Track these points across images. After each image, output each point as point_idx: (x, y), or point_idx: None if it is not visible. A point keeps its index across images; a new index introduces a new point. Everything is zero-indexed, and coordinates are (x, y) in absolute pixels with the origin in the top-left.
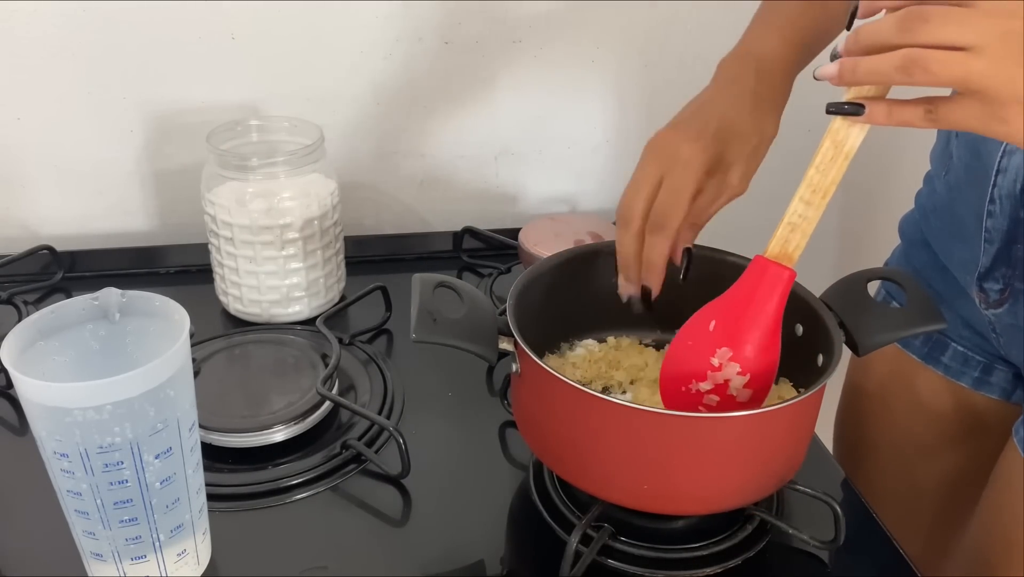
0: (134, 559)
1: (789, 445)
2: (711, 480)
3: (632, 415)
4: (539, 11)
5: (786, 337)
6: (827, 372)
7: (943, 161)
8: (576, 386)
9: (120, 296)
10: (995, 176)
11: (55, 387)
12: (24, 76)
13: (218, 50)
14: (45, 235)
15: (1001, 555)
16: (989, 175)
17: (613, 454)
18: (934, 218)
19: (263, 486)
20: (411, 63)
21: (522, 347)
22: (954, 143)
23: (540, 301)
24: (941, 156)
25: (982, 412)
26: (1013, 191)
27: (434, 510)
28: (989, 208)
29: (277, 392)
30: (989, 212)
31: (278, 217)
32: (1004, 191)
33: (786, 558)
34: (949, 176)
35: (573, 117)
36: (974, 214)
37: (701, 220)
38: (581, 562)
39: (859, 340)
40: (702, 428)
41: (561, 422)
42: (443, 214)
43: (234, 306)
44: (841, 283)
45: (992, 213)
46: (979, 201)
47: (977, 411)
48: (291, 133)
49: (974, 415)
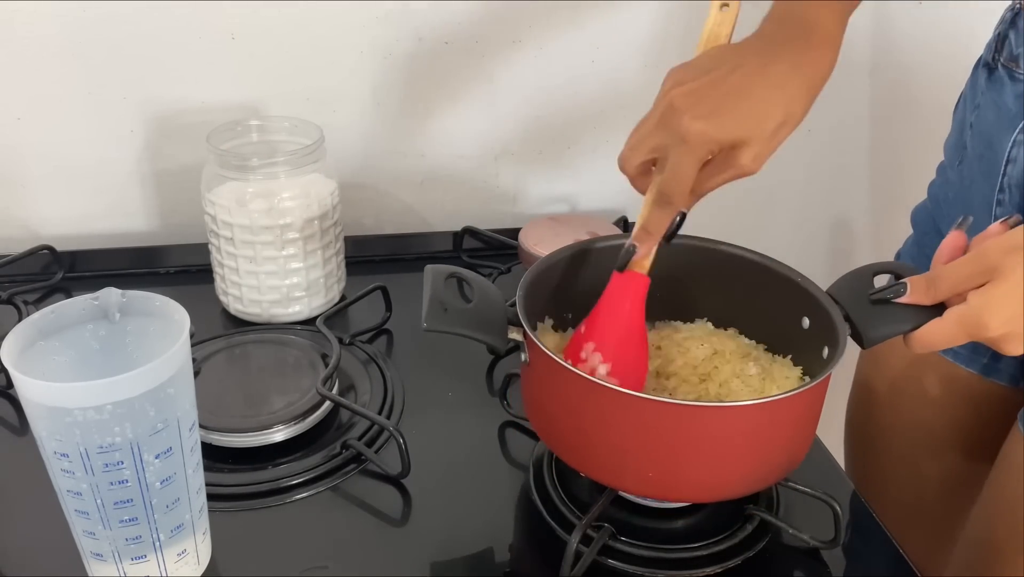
0: (134, 559)
1: (794, 435)
2: (717, 468)
3: (639, 404)
4: (539, 11)
5: (793, 329)
6: (831, 363)
7: (957, 151)
8: (584, 375)
9: (120, 296)
10: (1005, 166)
11: (55, 387)
12: (24, 76)
13: (218, 50)
14: (45, 235)
15: (1005, 539)
16: (1000, 165)
17: (620, 442)
18: (946, 207)
19: (263, 486)
20: (411, 63)
21: (531, 336)
22: (968, 133)
23: (550, 293)
24: (955, 146)
25: (990, 399)
26: (1022, 181)
27: (434, 510)
28: (999, 197)
29: (277, 392)
30: (999, 201)
31: (278, 217)
32: (1014, 180)
33: (786, 558)
34: (962, 166)
35: (573, 117)
36: (985, 203)
37: (703, 190)
38: (581, 562)
39: (864, 333)
40: (709, 417)
41: (569, 411)
42: (443, 214)
43: (234, 306)
44: (848, 276)
45: (1001, 202)
46: (990, 190)
47: (985, 398)
48: (291, 133)
49: (983, 402)
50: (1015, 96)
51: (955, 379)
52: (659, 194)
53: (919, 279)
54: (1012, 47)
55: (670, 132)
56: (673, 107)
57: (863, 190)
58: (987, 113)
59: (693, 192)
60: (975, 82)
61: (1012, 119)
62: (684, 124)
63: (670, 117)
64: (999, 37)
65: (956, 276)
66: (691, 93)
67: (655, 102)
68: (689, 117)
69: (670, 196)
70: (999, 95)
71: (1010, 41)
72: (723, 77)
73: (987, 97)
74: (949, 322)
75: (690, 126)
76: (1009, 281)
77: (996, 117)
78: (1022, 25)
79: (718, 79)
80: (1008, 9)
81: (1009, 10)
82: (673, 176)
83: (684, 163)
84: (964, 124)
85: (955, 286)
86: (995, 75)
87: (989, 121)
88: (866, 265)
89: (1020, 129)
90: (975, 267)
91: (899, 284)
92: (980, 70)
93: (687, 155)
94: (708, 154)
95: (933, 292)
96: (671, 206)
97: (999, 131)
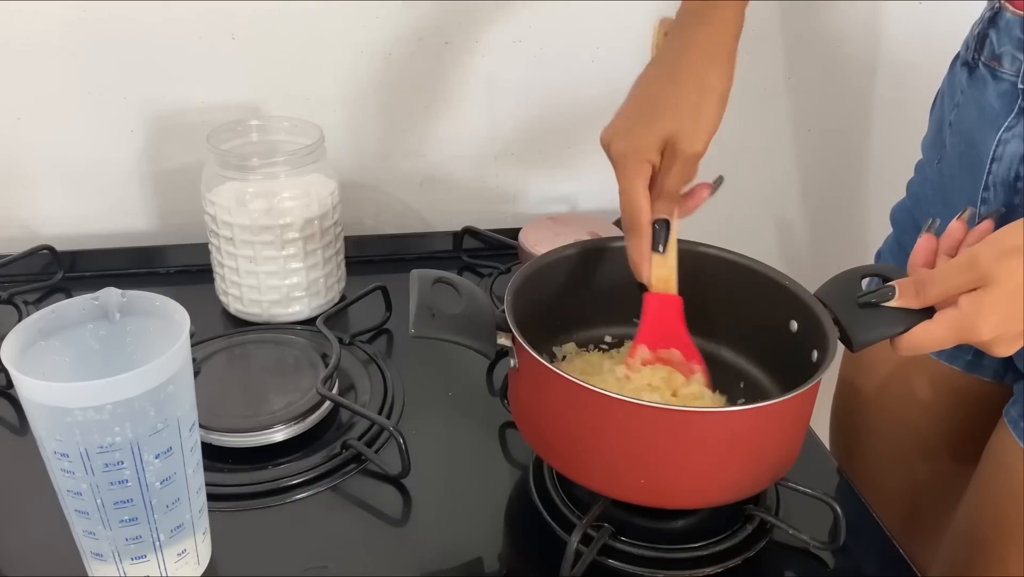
0: (134, 559)
1: (785, 440)
2: (708, 474)
3: (629, 409)
4: (539, 11)
5: (781, 333)
6: (821, 368)
7: (935, 149)
8: (573, 380)
9: (120, 296)
10: (990, 164)
11: (55, 387)
12: (24, 76)
13: (218, 50)
14: (45, 235)
15: (991, 534)
16: (984, 163)
17: (610, 448)
18: (926, 205)
19: (263, 486)
20: (411, 63)
21: (520, 342)
22: (947, 131)
23: (538, 297)
24: (933, 144)
25: (975, 395)
26: (1008, 178)
27: (434, 510)
28: (983, 195)
29: (277, 392)
30: (983, 199)
31: (278, 217)
32: (999, 178)
33: (786, 558)
34: (942, 164)
35: (573, 117)
36: (967, 201)
37: (669, 192)
38: (581, 562)
39: (853, 336)
40: (699, 422)
41: (559, 417)
42: (443, 214)
43: (234, 306)
44: (835, 280)
45: (986, 200)
46: (973, 188)
47: (970, 394)
48: (291, 133)
49: (967, 398)
50: (998, 95)
51: (939, 377)
52: (625, 226)
53: (907, 283)
54: (994, 46)
55: (611, 158)
56: (603, 143)
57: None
58: (968, 111)
59: (663, 198)
60: (953, 80)
61: (995, 118)
62: (612, 151)
63: (606, 149)
64: (979, 36)
65: (947, 282)
66: (611, 126)
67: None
68: (614, 143)
69: (633, 222)
70: (981, 94)
71: (991, 40)
72: (635, 96)
73: (968, 96)
74: (939, 326)
75: (616, 149)
76: (1000, 286)
77: (978, 115)
78: (1003, 24)
79: (631, 101)
80: (987, 8)
81: (988, 8)
82: (625, 201)
83: (626, 185)
84: (943, 122)
85: (946, 291)
86: (976, 73)
87: (971, 119)
88: (854, 268)
89: (1005, 128)
90: (966, 272)
91: (887, 288)
92: (959, 68)
93: (623, 177)
94: (648, 167)
95: (923, 296)
96: (639, 230)
97: (982, 130)
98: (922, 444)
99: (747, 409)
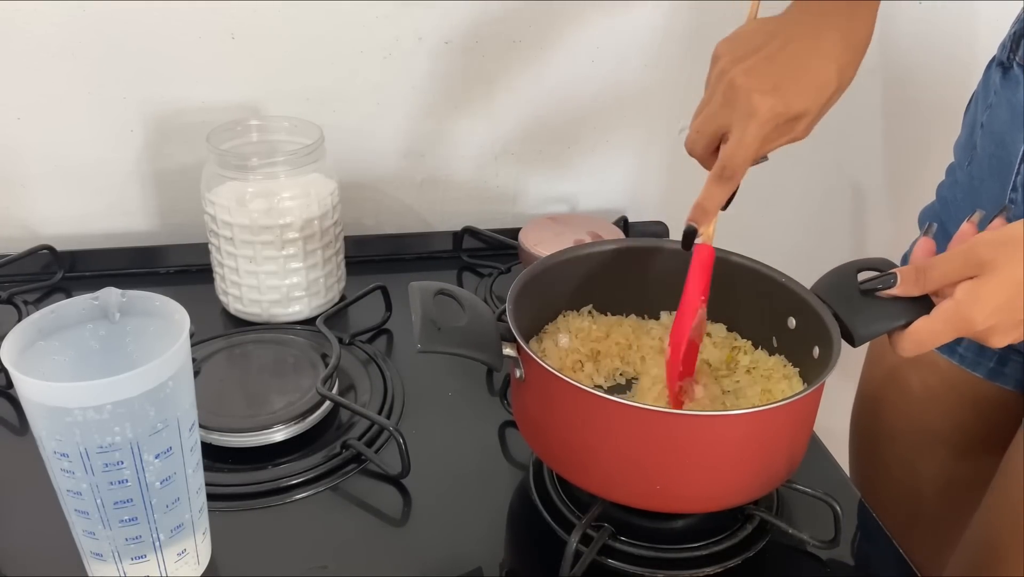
0: (134, 559)
1: (791, 442)
2: (713, 478)
3: (636, 414)
4: (539, 11)
5: (778, 330)
6: (828, 366)
7: (967, 151)
8: (583, 388)
9: (120, 296)
10: (1019, 165)
11: (55, 387)
12: (24, 76)
13: (218, 50)
14: (45, 235)
15: (1007, 542)
16: (1013, 164)
17: (616, 453)
18: (955, 208)
19: (263, 486)
20: (411, 63)
21: (527, 352)
22: (979, 133)
23: (538, 302)
24: (965, 146)
25: (995, 403)
26: None
27: (434, 510)
28: (1011, 196)
29: (277, 392)
30: (1011, 200)
31: (278, 217)
32: None
33: (786, 558)
34: (972, 166)
35: (573, 117)
36: (995, 203)
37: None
38: (581, 562)
39: (854, 331)
40: (704, 426)
41: (566, 424)
42: (443, 214)
43: (234, 306)
44: (831, 274)
45: (1014, 201)
46: (1000, 190)
47: (991, 402)
48: (291, 133)
49: (988, 406)
50: None
51: (960, 383)
52: (722, 168)
53: (908, 269)
54: None
55: (735, 109)
56: (735, 85)
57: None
58: (1000, 112)
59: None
60: (988, 81)
61: None
62: (753, 101)
63: (734, 95)
64: (1015, 36)
65: (946, 267)
66: (751, 70)
67: (710, 81)
68: (758, 94)
69: (733, 170)
70: (1013, 94)
71: None
72: (776, 51)
73: (1001, 96)
74: (936, 319)
75: (760, 102)
76: (998, 274)
77: (1010, 116)
78: None
79: (772, 54)
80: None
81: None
82: (739, 150)
83: (750, 137)
84: (975, 124)
85: (944, 277)
86: (1010, 74)
87: (1002, 120)
88: (849, 262)
89: None
90: (965, 260)
91: (889, 275)
92: (994, 69)
93: (755, 129)
94: (773, 128)
95: (923, 283)
96: (732, 180)
97: (1012, 130)
98: (939, 448)
99: (752, 412)
